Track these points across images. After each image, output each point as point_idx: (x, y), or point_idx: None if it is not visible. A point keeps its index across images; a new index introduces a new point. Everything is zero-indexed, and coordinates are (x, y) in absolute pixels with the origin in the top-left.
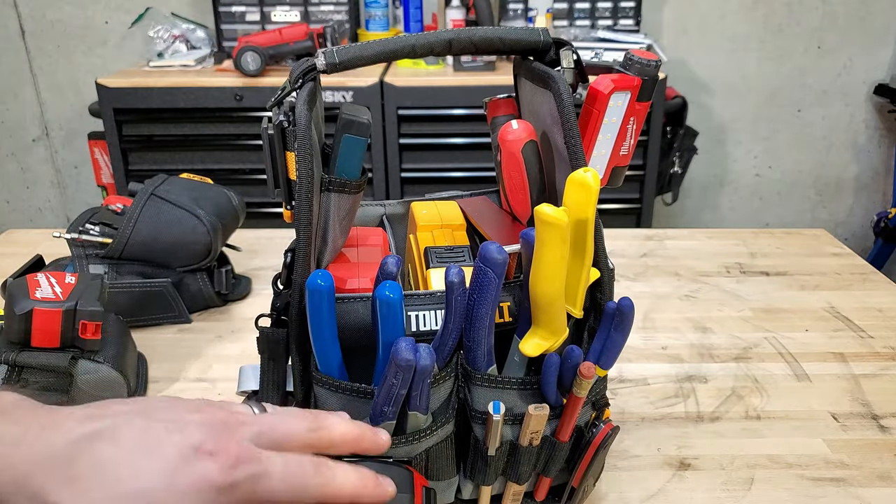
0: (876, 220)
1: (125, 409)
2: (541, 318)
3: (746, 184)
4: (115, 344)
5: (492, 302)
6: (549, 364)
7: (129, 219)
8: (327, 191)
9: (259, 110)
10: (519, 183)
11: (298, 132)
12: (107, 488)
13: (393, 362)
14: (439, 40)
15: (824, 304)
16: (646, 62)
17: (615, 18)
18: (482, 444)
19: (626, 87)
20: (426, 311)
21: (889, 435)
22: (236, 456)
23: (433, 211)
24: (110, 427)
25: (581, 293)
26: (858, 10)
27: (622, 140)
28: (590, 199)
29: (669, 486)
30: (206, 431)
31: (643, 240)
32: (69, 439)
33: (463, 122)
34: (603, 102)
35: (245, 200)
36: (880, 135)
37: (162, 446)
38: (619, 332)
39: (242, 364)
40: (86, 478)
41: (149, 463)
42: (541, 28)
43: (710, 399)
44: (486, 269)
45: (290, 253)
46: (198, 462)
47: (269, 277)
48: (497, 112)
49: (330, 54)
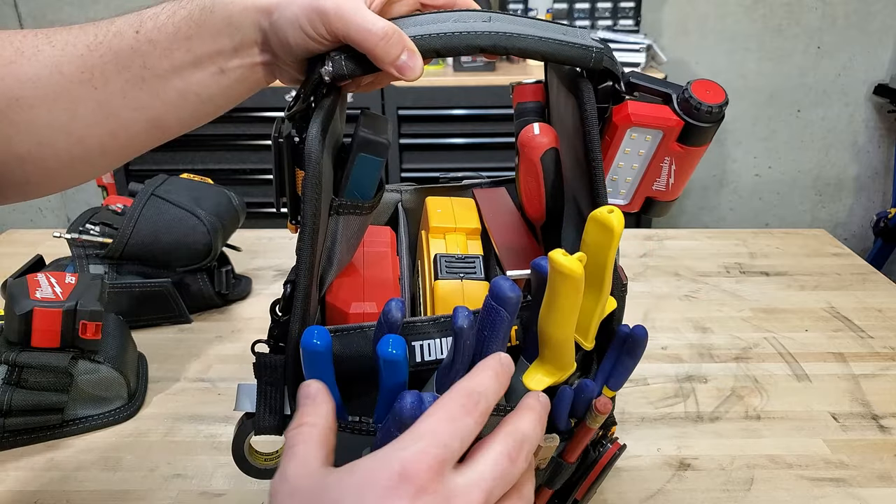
0: (876, 220)
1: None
2: (548, 354)
3: (746, 184)
4: (115, 344)
5: (503, 340)
6: (561, 398)
7: (130, 219)
8: (337, 214)
9: (260, 110)
10: (535, 189)
11: (309, 173)
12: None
13: (397, 418)
14: (470, 46)
15: (824, 304)
16: (697, 104)
17: (615, 18)
18: None
19: (653, 126)
20: (432, 339)
21: (889, 435)
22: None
23: (448, 210)
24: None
25: (594, 327)
26: (858, 10)
27: (654, 175)
28: (611, 242)
29: (669, 486)
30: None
31: (643, 240)
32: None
33: (463, 123)
34: (614, 132)
35: (245, 200)
36: (880, 135)
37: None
38: (629, 357)
39: (244, 371)
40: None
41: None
42: (595, 47)
43: (709, 399)
44: (497, 308)
45: (289, 284)
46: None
47: (270, 277)
48: (523, 98)
49: (338, 63)
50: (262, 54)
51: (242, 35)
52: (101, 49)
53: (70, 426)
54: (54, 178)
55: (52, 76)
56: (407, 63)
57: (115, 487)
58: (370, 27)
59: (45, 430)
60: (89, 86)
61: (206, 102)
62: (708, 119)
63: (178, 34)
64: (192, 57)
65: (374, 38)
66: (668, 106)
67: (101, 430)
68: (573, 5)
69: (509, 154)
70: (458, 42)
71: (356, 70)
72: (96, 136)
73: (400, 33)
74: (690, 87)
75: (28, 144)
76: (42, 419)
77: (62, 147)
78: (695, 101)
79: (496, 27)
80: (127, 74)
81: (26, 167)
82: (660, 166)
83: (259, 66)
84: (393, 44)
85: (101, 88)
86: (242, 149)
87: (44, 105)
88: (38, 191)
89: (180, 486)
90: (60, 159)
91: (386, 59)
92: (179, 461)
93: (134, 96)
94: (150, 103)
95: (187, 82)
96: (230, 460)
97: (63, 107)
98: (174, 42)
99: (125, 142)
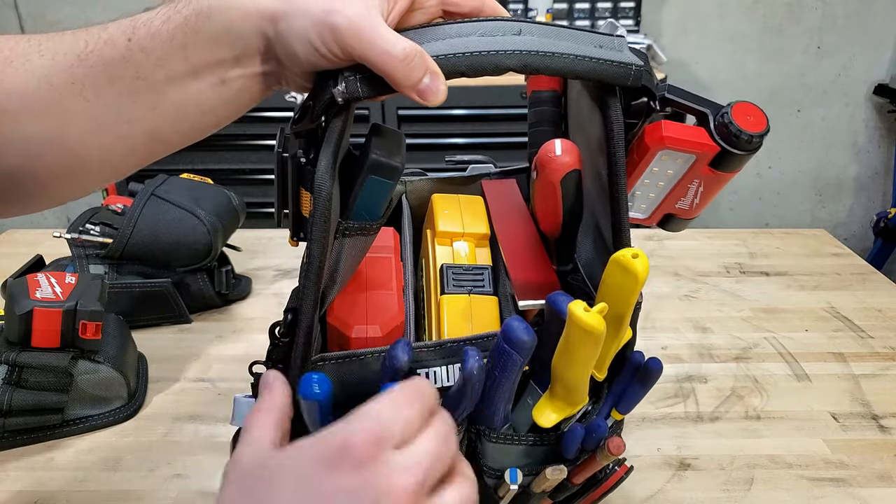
0: (876, 220)
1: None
2: (560, 391)
3: (746, 184)
4: (115, 344)
5: (514, 381)
6: (572, 436)
7: (130, 219)
8: (343, 237)
9: (260, 110)
10: (552, 208)
11: (317, 211)
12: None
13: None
14: (498, 66)
15: (824, 304)
16: (737, 131)
17: (615, 18)
18: (494, 492)
19: (688, 150)
20: (437, 366)
21: (889, 435)
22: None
23: (455, 211)
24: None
25: (608, 360)
26: (858, 10)
27: (679, 195)
28: (635, 287)
29: (669, 486)
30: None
31: (643, 240)
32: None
33: (463, 123)
34: (644, 151)
35: (245, 200)
36: (880, 135)
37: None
38: (641, 385)
39: (244, 371)
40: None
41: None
42: (635, 64)
43: (709, 399)
44: (510, 352)
45: (290, 313)
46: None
47: (270, 277)
48: (539, 86)
49: (352, 85)
50: (266, 63)
51: (244, 44)
52: (91, 59)
53: (70, 426)
54: (51, 191)
55: (39, 87)
56: (430, 87)
57: (115, 487)
58: (390, 49)
59: (45, 430)
60: (80, 98)
61: (207, 114)
62: (747, 148)
63: (172, 42)
64: (190, 67)
65: (394, 61)
66: (705, 128)
67: (101, 430)
68: (573, 5)
69: (510, 154)
70: (486, 62)
71: (371, 92)
72: (92, 150)
73: (422, 54)
74: (731, 112)
75: (16, 158)
76: (42, 419)
77: (54, 161)
78: (734, 129)
79: (527, 43)
80: (119, 86)
81: (17, 180)
82: (687, 187)
83: (263, 75)
84: (414, 67)
85: (93, 101)
86: (242, 149)
87: (31, 117)
88: (37, 204)
89: (180, 486)
90: (53, 172)
91: (406, 83)
92: (179, 461)
93: (128, 109)
94: (146, 116)
95: (186, 94)
96: None
97: (53, 120)
98: (169, 50)
99: (124, 155)
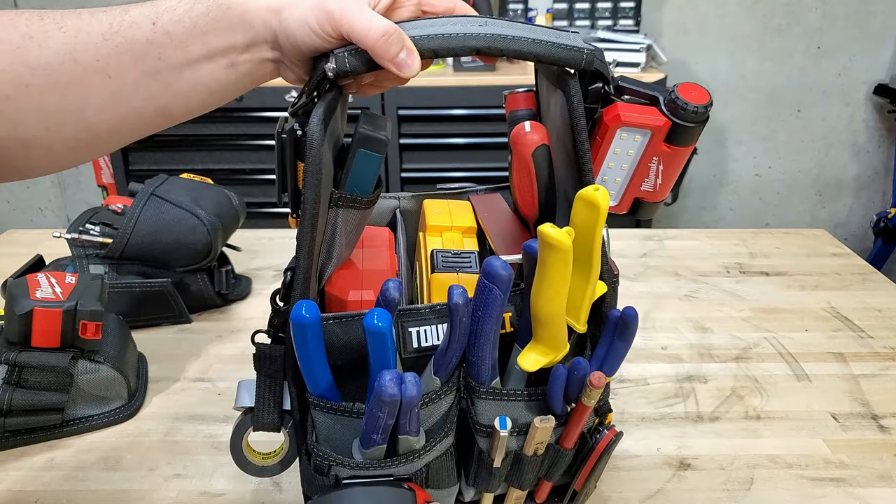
0: (876, 220)
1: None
2: (541, 333)
3: (746, 184)
4: (115, 344)
5: (496, 318)
6: (555, 377)
7: (130, 219)
8: (336, 206)
9: (260, 110)
10: (528, 185)
11: (309, 159)
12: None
13: (376, 397)
14: (466, 47)
15: (824, 304)
16: (683, 104)
17: (615, 19)
18: (487, 456)
19: (642, 126)
20: (428, 325)
21: (889, 435)
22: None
23: (444, 211)
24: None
25: (585, 309)
26: (858, 10)
27: (642, 176)
28: (598, 219)
29: (669, 486)
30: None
31: (643, 240)
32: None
33: (463, 122)
34: (605, 132)
35: (245, 200)
36: (880, 135)
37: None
38: (622, 340)
39: (244, 371)
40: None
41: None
42: (586, 48)
43: (709, 399)
44: (490, 286)
45: (289, 272)
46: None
47: (270, 277)
48: (516, 106)
49: (341, 59)
50: (271, 51)
51: (255, 31)
52: (116, 38)
53: (70, 426)
54: (58, 161)
55: (64, 63)
56: (405, 61)
57: (115, 487)
58: (372, 25)
59: (45, 430)
60: (104, 74)
61: (214, 94)
62: (694, 119)
63: (195, 28)
64: (206, 50)
65: (376, 34)
66: (656, 107)
67: (101, 430)
68: (573, 5)
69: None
70: (455, 43)
71: (358, 66)
72: (105, 123)
73: (400, 32)
74: (677, 90)
75: (35, 130)
76: (42, 419)
77: (70, 133)
78: (681, 102)
79: (492, 30)
80: (143, 65)
81: (31, 151)
82: (648, 166)
83: (267, 61)
84: (393, 42)
85: (115, 77)
86: (242, 149)
87: (55, 92)
88: (38, 172)
89: (180, 486)
90: (67, 144)
91: (386, 55)
92: (179, 461)
93: (146, 86)
94: (161, 93)
95: (198, 74)
96: (230, 460)
97: (74, 94)
98: (191, 36)
99: (131, 128)
